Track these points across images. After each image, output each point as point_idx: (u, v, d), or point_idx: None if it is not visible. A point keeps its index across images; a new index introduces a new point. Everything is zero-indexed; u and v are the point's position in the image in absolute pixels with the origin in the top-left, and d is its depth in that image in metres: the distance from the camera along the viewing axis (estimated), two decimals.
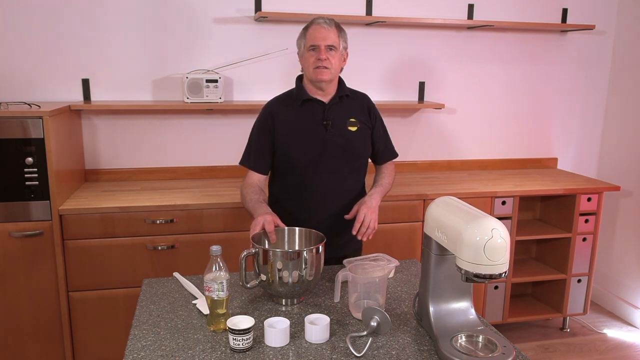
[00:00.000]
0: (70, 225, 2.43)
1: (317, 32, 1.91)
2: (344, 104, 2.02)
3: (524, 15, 3.34)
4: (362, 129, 2.02)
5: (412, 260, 1.98)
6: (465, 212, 1.30)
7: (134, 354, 1.31)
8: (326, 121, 1.97)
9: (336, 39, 1.93)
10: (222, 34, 2.98)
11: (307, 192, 1.98)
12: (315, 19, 1.94)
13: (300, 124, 1.97)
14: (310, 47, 1.92)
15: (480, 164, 3.49)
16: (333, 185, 1.99)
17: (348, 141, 1.98)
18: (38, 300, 2.47)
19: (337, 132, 1.97)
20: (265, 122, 1.99)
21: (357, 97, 2.08)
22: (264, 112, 2.02)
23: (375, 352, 1.33)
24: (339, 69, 1.97)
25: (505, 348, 1.29)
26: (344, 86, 2.04)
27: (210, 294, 1.40)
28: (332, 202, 2.00)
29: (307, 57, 1.93)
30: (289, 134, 1.97)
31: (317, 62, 1.90)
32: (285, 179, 2.03)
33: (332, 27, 1.92)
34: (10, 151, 2.33)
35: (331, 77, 1.94)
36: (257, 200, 1.88)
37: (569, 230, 3.08)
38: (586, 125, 3.64)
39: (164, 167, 3.05)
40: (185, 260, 2.57)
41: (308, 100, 1.98)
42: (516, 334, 3.20)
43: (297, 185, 1.99)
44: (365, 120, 2.04)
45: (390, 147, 2.18)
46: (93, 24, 2.83)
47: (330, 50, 1.91)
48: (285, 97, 2.05)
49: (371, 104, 2.10)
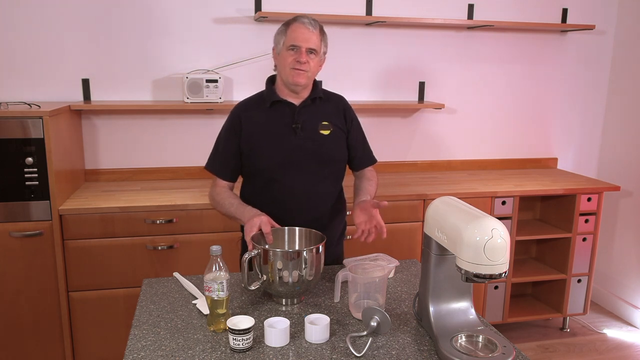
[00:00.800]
0: (70, 225, 2.43)
1: (300, 33, 1.79)
2: (316, 107, 1.90)
3: (524, 15, 3.34)
4: (336, 132, 1.90)
5: (412, 260, 1.97)
6: (465, 212, 1.30)
7: (134, 354, 1.31)
8: (295, 124, 1.85)
9: (318, 43, 1.82)
10: (222, 34, 2.98)
11: (279, 198, 1.86)
12: (299, 17, 1.82)
13: (268, 127, 1.86)
14: (290, 47, 1.80)
15: (480, 164, 3.49)
16: (306, 191, 1.87)
17: (319, 145, 1.86)
18: (38, 300, 2.47)
19: (308, 135, 1.85)
20: (232, 125, 1.89)
21: (331, 100, 1.96)
22: (232, 115, 1.91)
23: (375, 352, 1.33)
24: (315, 73, 1.86)
25: (505, 348, 1.29)
26: (318, 88, 1.92)
27: (210, 294, 1.40)
28: (305, 208, 1.87)
29: (285, 57, 1.81)
30: (256, 137, 1.85)
31: (296, 63, 1.78)
32: (255, 183, 1.91)
33: (316, 29, 1.81)
34: (10, 151, 2.33)
35: (307, 82, 1.83)
36: (239, 204, 1.81)
37: (569, 230, 3.08)
38: (586, 125, 3.64)
39: (164, 167, 3.05)
40: (185, 260, 2.57)
41: (277, 102, 1.87)
42: (516, 334, 3.20)
43: (268, 190, 1.87)
44: (339, 123, 1.93)
45: (369, 153, 2.06)
46: (93, 24, 2.83)
47: (310, 54, 1.80)
48: (254, 99, 1.93)
49: (347, 107, 1.98)
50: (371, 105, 3.04)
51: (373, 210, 1.75)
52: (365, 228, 1.75)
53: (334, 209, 1.96)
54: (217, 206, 1.91)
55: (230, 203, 1.84)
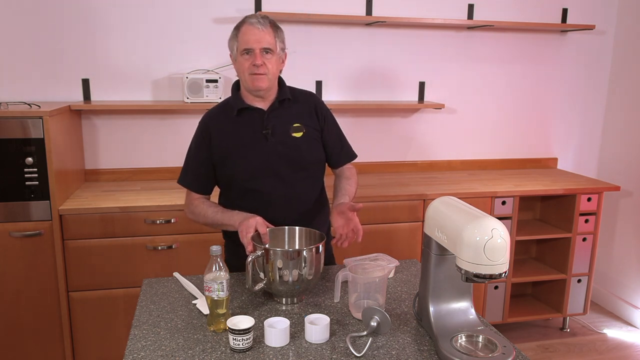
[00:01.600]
0: (70, 225, 2.43)
1: (250, 34, 1.71)
2: (285, 109, 1.83)
3: (524, 15, 3.34)
4: (309, 133, 1.83)
5: (412, 260, 1.97)
6: (465, 212, 1.30)
7: (134, 354, 1.31)
8: (265, 130, 1.78)
9: (272, 40, 1.74)
10: (222, 34, 2.98)
11: (256, 206, 1.77)
12: (247, 17, 1.74)
13: (238, 136, 1.79)
14: (243, 51, 1.73)
15: (480, 164, 3.49)
16: (284, 196, 1.81)
17: (292, 149, 1.80)
18: (38, 300, 2.47)
19: (279, 140, 1.79)
20: (201, 137, 1.83)
21: (300, 99, 1.87)
22: (200, 127, 1.85)
23: (375, 352, 1.33)
24: (277, 73, 1.79)
25: (505, 348, 1.29)
26: (285, 89, 1.85)
27: (210, 294, 1.40)
28: (285, 213, 1.80)
29: (241, 62, 1.74)
30: (226, 147, 1.80)
31: (253, 68, 1.72)
32: (231, 193, 1.86)
33: (267, 26, 1.73)
34: (10, 151, 2.33)
35: (269, 84, 1.77)
36: (223, 210, 1.78)
37: (569, 230, 3.08)
38: (586, 125, 3.64)
39: (164, 167, 3.05)
40: (185, 260, 2.57)
41: (245, 109, 1.81)
42: (516, 334, 3.20)
43: (244, 200, 1.81)
44: (312, 123, 1.85)
45: (347, 148, 1.97)
46: (93, 24, 2.83)
47: (266, 54, 1.73)
48: (221, 108, 1.86)
49: (318, 103, 1.90)
50: (371, 105, 3.04)
51: (350, 214, 1.70)
52: (343, 232, 1.70)
53: (316, 210, 1.91)
54: (198, 218, 1.86)
55: (214, 211, 1.80)
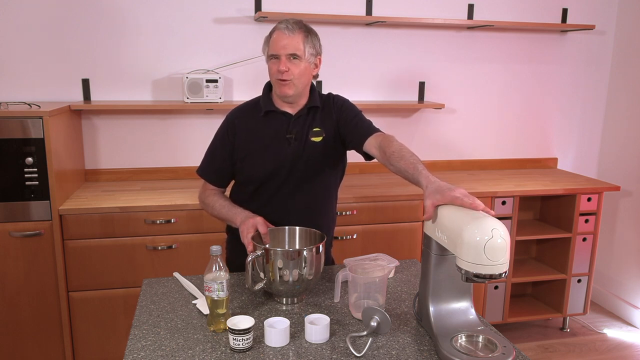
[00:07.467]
0: (70, 225, 2.43)
1: (278, 40, 1.70)
2: (311, 115, 1.82)
3: (524, 15, 3.34)
4: (327, 139, 1.81)
5: (412, 260, 1.97)
6: (465, 212, 1.30)
7: (134, 354, 1.31)
8: (290, 135, 1.79)
9: (300, 46, 1.70)
10: (222, 34, 2.98)
11: (268, 205, 1.82)
12: (278, 24, 1.73)
13: (262, 136, 1.80)
14: (270, 56, 1.74)
15: (480, 164, 3.49)
16: (296, 199, 1.82)
17: (310, 155, 1.80)
18: (38, 300, 2.47)
19: (300, 145, 1.79)
20: (227, 131, 1.84)
21: (326, 105, 1.85)
22: (226, 121, 1.86)
23: (375, 352, 1.33)
24: (305, 80, 1.76)
25: (505, 348, 1.29)
26: (316, 96, 1.83)
27: (210, 294, 1.40)
28: (295, 215, 1.80)
29: (270, 67, 1.75)
30: (249, 145, 1.81)
31: (278, 74, 1.71)
32: (246, 190, 1.87)
33: (295, 32, 1.70)
34: (10, 151, 2.33)
35: (296, 92, 1.75)
36: (230, 206, 1.80)
37: (569, 230, 3.08)
38: (586, 125, 3.64)
39: (164, 167, 3.05)
40: (185, 260, 2.57)
41: (272, 112, 1.81)
42: (516, 334, 3.20)
43: (258, 198, 1.83)
44: (329, 123, 1.82)
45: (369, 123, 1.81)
46: (93, 24, 2.83)
47: (294, 59, 1.71)
48: (250, 105, 1.87)
49: (335, 99, 1.85)
50: (371, 105, 3.04)
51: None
52: None
53: (325, 214, 1.92)
54: (206, 208, 1.91)
55: (222, 205, 1.84)
